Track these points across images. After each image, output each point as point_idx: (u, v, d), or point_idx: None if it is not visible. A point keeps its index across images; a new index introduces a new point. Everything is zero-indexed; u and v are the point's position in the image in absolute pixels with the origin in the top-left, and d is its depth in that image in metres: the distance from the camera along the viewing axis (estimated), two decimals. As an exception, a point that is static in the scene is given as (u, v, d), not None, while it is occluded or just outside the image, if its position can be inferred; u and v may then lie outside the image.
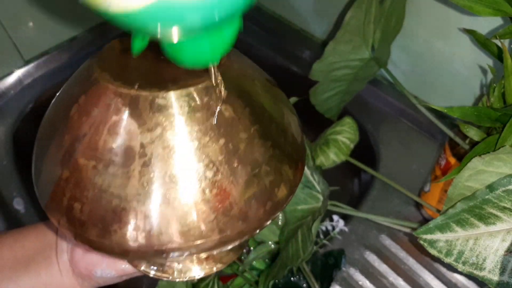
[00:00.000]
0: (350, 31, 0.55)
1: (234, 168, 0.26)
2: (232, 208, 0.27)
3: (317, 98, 0.61)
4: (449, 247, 0.36)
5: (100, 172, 0.25)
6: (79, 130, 0.26)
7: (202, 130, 0.26)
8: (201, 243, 0.27)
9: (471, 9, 0.41)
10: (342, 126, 0.59)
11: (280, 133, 0.30)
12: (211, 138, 0.26)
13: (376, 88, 0.68)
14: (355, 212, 0.55)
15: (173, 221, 0.26)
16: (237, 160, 0.26)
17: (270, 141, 0.28)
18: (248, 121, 0.27)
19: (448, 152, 0.49)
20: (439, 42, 0.58)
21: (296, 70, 0.74)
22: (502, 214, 0.34)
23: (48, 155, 0.28)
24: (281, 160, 0.29)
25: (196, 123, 0.26)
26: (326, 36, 0.74)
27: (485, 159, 0.35)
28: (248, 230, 0.28)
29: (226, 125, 0.26)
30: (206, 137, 0.26)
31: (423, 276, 0.51)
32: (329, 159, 0.59)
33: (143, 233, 0.26)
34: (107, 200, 0.25)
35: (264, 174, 0.28)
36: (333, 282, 0.51)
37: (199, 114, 0.26)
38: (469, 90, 0.59)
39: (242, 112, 0.27)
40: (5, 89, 0.67)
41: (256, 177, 0.27)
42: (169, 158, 0.25)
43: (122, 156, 0.25)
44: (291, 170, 0.30)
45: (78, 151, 0.26)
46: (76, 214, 0.26)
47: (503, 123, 0.39)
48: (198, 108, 0.26)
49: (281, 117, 0.31)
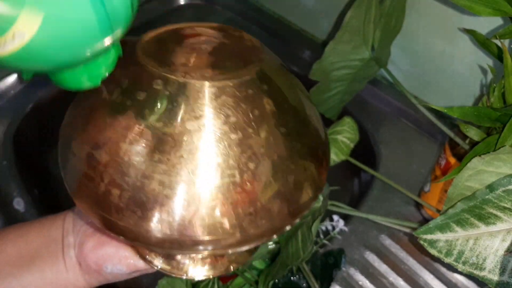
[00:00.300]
0: (350, 31, 0.55)
1: (271, 163, 0.26)
2: (260, 204, 0.26)
3: (317, 98, 0.61)
4: (449, 247, 0.36)
5: (144, 158, 0.25)
6: (122, 114, 0.26)
7: (246, 122, 0.26)
8: (225, 238, 0.26)
9: (471, 9, 0.41)
10: (342, 126, 0.59)
11: (311, 130, 0.30)
12: (254, 130, 0.26)
13: (376, 88, 0.68)
14: (355, 212, 0.55)
15: (207, 212, 0.25)
16: (275, 154, 0.26)
17: (304, 138, 0.29)
18: (286, 116, 0.28)
19: (448, 152, 0.50)
20: (439, 42, 0.58)
21: (296, 70, 0.74)
22: (502, 214, 0.34)
23: (81, 139, 0.27)
24: (309, 158, 0.29)
25: (241, 114, 0.26)
26: (326, 36, 0.74)
27: (485, 159, 0.35)
28: (271, 230, 0.27)
29: (268, 119, 0.26)
30: (249, 129, 0.26)
31: (423, 276, 0.51)
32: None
33: (179, 222, 0.25)
34: (149, 187, 0.25)
35: (293, 171, 0.28)
36: (333, 282, 0.51)
37: (244, 105, 0.26)
38: (469, 90, 0.59)
39: (281, 106, 0.27)
40: (5, 89, 0.67)
41: (286, 175, 0.27)
42: (213, 148, 0.25)
43: (168, 142, 0.25)
44: (317, 169, 0.30)
45: (120, 135, 0.25)
46: (114, 200, 0.26)
47: (503, 123, 0.39)
48: (242, 99, 0.26)
49: (312, 113, 0.31)
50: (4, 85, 0.67)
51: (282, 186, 0.27)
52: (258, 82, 0.27)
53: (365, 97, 0.68)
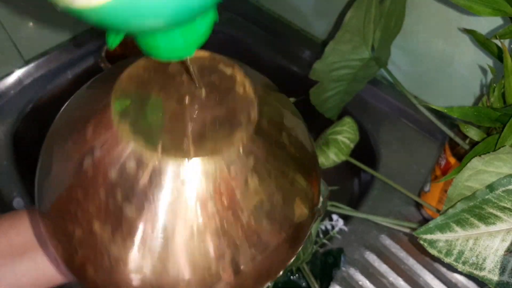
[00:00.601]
0: (350, 31, 0.55)
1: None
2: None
3: (317, 98, 0.61)
4: (449, 247, 0.36)
5: (112, 237, 0.24)
6: (93, 190, 0.24)
7: (227, 195, 0.24)
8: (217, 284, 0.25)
9: (471, 9, 0.41)
10: (342, 126, 0.59)
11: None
12: (235, 214, 0.25)
13: (376, 88, 0.68)
14: (355, 212, 0.55)
15: (187, 260, 0.25)
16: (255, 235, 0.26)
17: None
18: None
19: (448, 152, 0.49)
20: (439, 42, 0.58)
21: (296, 70, 0.74)
22: (502, 214, 0.34)
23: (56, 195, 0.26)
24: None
25: (223, 192, 0.24)
26: (326, 36, 0.74)
27: (485, 159, 0.35)
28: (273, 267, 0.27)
29: (250, 197, 0.25)
30: (231, 211, 0.25)
31: (423, 276, 0.51)
32: (329, 159, 0.59)
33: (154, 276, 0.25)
34: (123, 267, 0.24)
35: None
36: (333, 282, 0.51)
37: (224, 185, 0.24)
38: (469, 90, 0.59)
39: (265, 181, 0.26)
40: (5, 89, 0.67)
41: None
42: (188, 217, 0.24)
43: (140, 220, 0.24)
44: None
45: (92, 213, 0.24)
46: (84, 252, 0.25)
47: (503, 123, 0.39)
48: (225, 179, 0.24)
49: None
50: (4, 85, 0.67)
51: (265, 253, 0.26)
52: (244, 158, 0.25)
53: (365, 97, 0.68)
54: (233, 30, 0.80)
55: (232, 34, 0.80)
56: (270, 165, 0.26)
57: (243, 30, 0.80)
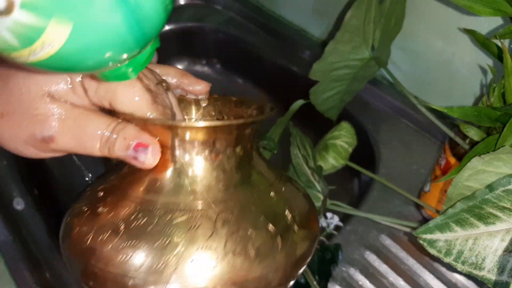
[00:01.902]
0: (350, 31, 0.55)
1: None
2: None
3: (317, 98, 0.61)
4: (448, 247, 0.36)
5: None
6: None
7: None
8: None
9: (471, 9, 0.41)
10: (339, 131, 0.60)
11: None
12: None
13: (376, 88, 0.68)
14: (355, 211, 0.55)
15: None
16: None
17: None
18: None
19: (448, 152, 0.50)
20: (439, 42, 0.58)
21: (296, 70, 0.74)
22: (501, 214, 0.34)
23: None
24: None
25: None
26: (326, 36, 0.74)
27: (485, 159, 0.35)
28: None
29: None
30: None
31: (423, 276, 0.51)
32: (328, 164, 0.59)
33: None
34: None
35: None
36: (333, 282, 0.51)
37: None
38: (469, 90, 0.59)
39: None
40: (5, 89, 0.67)
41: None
42: None
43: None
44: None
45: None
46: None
47: (503, 123, 0.39)
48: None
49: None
50: (4, 85, 0.67)
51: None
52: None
53: (365, 97, 0.68)
54: (233, 30, 0.80)
55: (232, 34, 0.80)
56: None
57: (243, 30, 0.80)
